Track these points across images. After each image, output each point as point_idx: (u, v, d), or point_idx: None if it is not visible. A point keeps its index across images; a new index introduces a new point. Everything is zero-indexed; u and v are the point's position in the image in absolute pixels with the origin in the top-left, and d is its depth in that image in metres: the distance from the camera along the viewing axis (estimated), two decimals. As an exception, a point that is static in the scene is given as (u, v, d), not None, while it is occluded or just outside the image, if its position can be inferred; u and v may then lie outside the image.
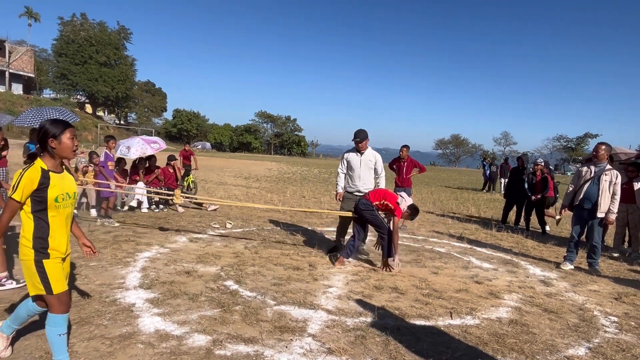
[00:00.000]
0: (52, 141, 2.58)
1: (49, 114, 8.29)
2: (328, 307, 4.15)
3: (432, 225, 9.66)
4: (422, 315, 4.11)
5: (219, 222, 8.31)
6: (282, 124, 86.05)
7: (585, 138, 76.11)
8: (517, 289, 5.14)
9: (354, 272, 5.41)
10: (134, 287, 4.32)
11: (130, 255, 5.50)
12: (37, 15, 58.08)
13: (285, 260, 5.78)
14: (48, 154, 2.62)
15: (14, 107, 41.12)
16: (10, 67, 49.95)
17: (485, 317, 4.14)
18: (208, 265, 5.29)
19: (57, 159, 2.65)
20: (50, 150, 2.60)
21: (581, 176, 6.37)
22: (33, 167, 2.53)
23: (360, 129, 6.23)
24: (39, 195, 2.53)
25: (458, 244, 7.69)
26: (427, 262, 6.22)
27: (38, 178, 2.51)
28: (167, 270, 4.99)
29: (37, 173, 2.51)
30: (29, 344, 3.05)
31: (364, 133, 6.20)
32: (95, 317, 3.56)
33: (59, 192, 2.59)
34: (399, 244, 5.98)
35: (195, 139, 74.92)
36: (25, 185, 2.48)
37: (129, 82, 60.71)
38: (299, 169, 31.23)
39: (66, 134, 2.61)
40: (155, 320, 3.57)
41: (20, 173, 2.50)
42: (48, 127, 2.59)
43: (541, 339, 3.72)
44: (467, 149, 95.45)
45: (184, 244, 6.38)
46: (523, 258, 6.87)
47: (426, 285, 5.05)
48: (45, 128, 2.58)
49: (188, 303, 3.99)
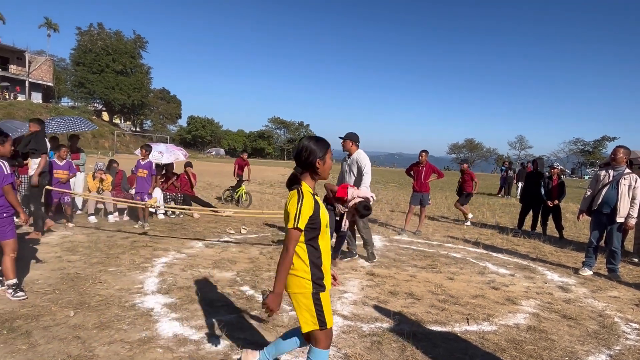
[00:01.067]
0: (319, 162, 2.38)
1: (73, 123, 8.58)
2: (343, 312, 4.15)
3: (447, 231, 9.59)
4: (439, 321, 4.09)
5: (234, 227, 8.38)
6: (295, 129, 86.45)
7: (603, 141, 74.81)
8: (535, 295, 5.08)
9: (369, 278, 5.41)
10: (152, 292, 4.39)
11: (147, 261, 5.58)
12: (56, 25, 59.64)
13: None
14: (309, 175, 2.43)
15: (34, 115, 42.02)
16: (30, 77, 51.22)
17: (502, 324, 4.10)
18: (224, 271, 5.34)
19: (316, 180, 2.46)
20: (315, 170, 2.41)
21: (599, 180, 6.28)
22: (306, 193, 2.33)
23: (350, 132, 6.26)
24: (313, 222, 2.34)
25: (474, 249, 7.63)
26: (443, 267, 6.18)
27: (313, 203, 2.34)
28: (184, 275, 5.05)
29: (311, 198, 2.33)
30: (52, 347, 3.12)
31: (349, 134, 6.19)
32: (115, 321, 3.63)
33: (326, 216, 2.44)
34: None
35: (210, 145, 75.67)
36: (307, 213, 2.29)
37: (145, 89, 61.76)
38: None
39: (329, 154, 2.45)
40: (174, 325, 3.63)
41: (297, 200, 2.29)
42: (314, 147, 2.38)
43: (560, 346, 3.67)
44: (481, 153, 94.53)
45: (200, 249, 6.45)
46: (540, 264, 6.78)
47: (442, 291, 5.02)
48: (311, 148, 2.38)
49: (205, 308, 4.04)
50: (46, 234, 6.72)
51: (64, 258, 5.48)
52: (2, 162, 4.06)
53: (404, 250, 7.21)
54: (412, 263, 6.34)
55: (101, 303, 4.02)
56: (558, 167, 9.46)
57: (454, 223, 10.88)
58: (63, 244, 6.24)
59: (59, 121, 8.62)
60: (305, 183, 2.40)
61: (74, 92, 56.86)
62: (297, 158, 2.44)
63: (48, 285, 4.42)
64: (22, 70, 50.81)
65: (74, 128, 8.63)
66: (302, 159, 2.40)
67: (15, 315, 3.63)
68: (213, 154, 62.33)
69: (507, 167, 21.27)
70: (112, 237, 6.85)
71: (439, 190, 21.86)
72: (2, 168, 4.03)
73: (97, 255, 5.69)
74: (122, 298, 4.18)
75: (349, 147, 6.20)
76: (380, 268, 5.92)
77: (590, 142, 76.74)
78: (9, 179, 4.05)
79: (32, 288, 4.31)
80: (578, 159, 77.00)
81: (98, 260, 5.45)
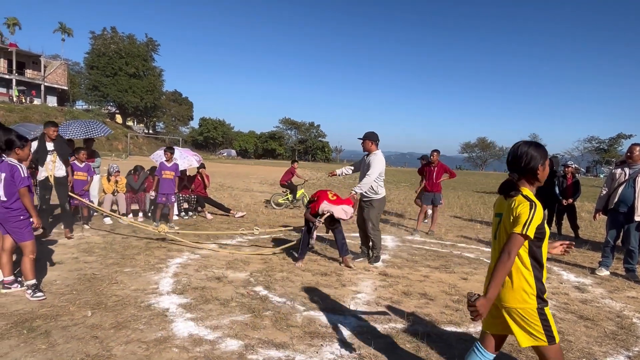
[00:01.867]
0: (540, 167, 2.29)
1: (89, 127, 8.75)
2: (357, 313, 4.15)
3: (459, 230, 9.52)
4: (453, 321, 4.06)
5: (246, 228, 8.42)
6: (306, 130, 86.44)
7: (619, 139, 73.43)
8: (551, 296, 5.02)
9: (382, 278, 5.40)
10: (167, 293, 4.44)
11: (162, 262, 5.64)
12: (70, 30, 60.52)
13: (312, 266, 5.81)
14: (528, 181, 2.32)
15: (49, 118, 42.47)
16: (45, 81, 52.07)
17: (518, 324, 4.06)
18: (237, 271, 5.37)
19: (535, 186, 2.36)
20: (535, 176, 2.30)
21: (615, 179, 6.18)
22: (537, 201, 2.22)
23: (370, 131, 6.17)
24: (540, 232, 2.22)
25: (487, 250, 7.56)
26: (456, 267, 6.14)
27: (542, 212, 2.21)
28: (198, 276, 5.10)
29: (541, 208, 2.21)
30: (70, 347, 3.17)
31: (368, 134, 6.08)
32: (132, 321, 3.67)
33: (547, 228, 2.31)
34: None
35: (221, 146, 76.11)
36: (536, 222, 2.17)
37: (157, 92, 62.32)
38: (324, 174, 31.27)
39: (548, 161, 2.34)
40: (189, 325, 3.66)
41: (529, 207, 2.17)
42: (534, 152, 2.28)
43: (577, 347, 3.62)
44: (494, 152, 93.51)
45: (213, 250, 6.49)
46: (556, 263, 6.70)
47: (456, 291, 4.99)
48: (532, 154, 2.28)
49: (219, 308, 4.07)
50: (62, 236, 6.83)
51: (80, 259, 5.57)
52: (20, 166, 4.13)
53: (416, 251, 7.18)
54: (425, 263, 6.31)
55: (118, 303, 4.07)
56: (572, 166, 9.33)
57: (468, 222, 10.79)
58: (79, 245, 6.34)
59: (76, 125, 8.80)
60: (526, 189, 2.29)
61: (88, 95, 57.62)
62: (515, 164, 2.33)
63: (66, 286, 4.49)
64: (37, 74, 51.68)
65: (91, 133, 8.79)
66: (522, 165, 2.30)
67: (34, 315, 3.70)
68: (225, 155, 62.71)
69: None
70: (127, 239, 6.94)
71: (451, 190, 21.72)
72: (20, 171, 4.10)
73: (112, 256, 5.77)
74: (137, 298, 4.23)
75: (368, 146, 6.05)
76: (393, 268, 5.90)
77: (605, 140, 75.38)
78: (25, 181, 4.13)
79: (51, 288, 4.38)
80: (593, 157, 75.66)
81: (114, 261, 5.52)
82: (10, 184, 4.06)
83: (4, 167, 4.08)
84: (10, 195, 4.07)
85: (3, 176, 4.06)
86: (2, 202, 4.06)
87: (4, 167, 4.08)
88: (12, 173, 4.07)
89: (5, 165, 4.09)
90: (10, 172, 4.06)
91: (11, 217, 4.09)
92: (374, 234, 6.06)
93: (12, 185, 4.07)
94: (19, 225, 4.13)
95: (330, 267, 5.81)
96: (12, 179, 4.06)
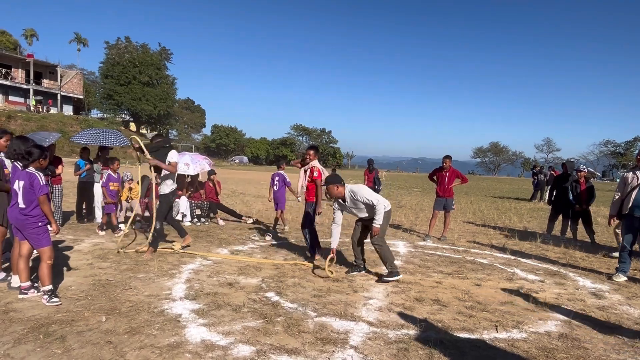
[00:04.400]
0: None
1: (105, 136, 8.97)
2: (369, 319, 4.13)
3: (472, 236, 9.43)
4: (466, 328, 4.02)
5: (258, 234, 8.45)
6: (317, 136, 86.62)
7: (635, 142, 72.10)
8: (567, 302, 4.94)
9: (394, 284, 5.36)
10: (180, 298, 4.47)
11: (175, 267, 5.69)
12: (86, 40, 61.83)
13: (324, 271, 5.81)
14: None
15: (65, 127, 43.63)
16: (62, 90, 53.11)
17: (532, 331, 4.00)
18: (249, 277, 5.39)
19: None
20: None
21: (627, 183, 6.08)
22: None
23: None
24: None
25: (501, 255, 7.47)
26: (469, 273, 6.08)
27: None
28: (210, 281, 5.13)
29: None
30: (85, 352, 3.21)
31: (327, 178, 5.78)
32: (145, 326, 3.71)
33: None
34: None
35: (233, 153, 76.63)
36: None
37: (170, 100, 63.14)
38: (335, 180, 31.24)
39: None
40: (201, 330, 3.68)
41: None
42: None
43: (594, 354, 3.55)
44: (507, 156, 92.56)
45: (225, 256, 6.53)
46: (571, 269, 6.59)
47: (469, 298, 4.94)
48: None
49: (232, 314, 4.09)
50: (77, 242, 6.94)
51: (95, 265, 5.64)
52: (38, 174, 4.23)
53: (429, 256, 7.12)
54: (438, 269, 6.26)
55: (131, 309, 4.11)
56: (585, 170, 9.18)
57: (480, 228, 10.68)
58: (94, 251, 6.42)
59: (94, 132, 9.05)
60: None
61: (102, 103, 58.64)
62: None
63: (81, 292, 4.56)
64: (54, 84, 52.75)
65: (106, 141, 8.98)
66: None
67: (50, 320, 3.76)
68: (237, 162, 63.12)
69: (538, 171, 20.52)
70: (140, 245, 7.01)
71: (464, 195, 21.53)
72: (39, 179, 4.20)
73: (126, 262, 5.83)
74: (151, 304, 4.27)
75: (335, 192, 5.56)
76: (406, 274, 5.86)
77: (621, 144, 74.12)
78: (44, 189, 4.22)
79: (66, 294, 4.45)
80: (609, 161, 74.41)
81: (127, 267, 5.59)
82: (29, 191, 4.16)
83: (22, 175, 4.18)
84: (28, 202, 4.16)
85: (22, 184, 4.15)
86: (21, 210, 4.15)
87: (23, 176, 4.18)
88: (32, 181, 4.17)
89: (24, 173, 4.19)
90: (29, 180, 4.16)
91: (30, 223, 4.18)
92: (381, 249, 5.49)
93: (31, 193, 4.16)
94: (37, 231, 4.22)
95: (342, 272, 5.79)
96: (31, 187, 4.16)
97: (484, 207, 16.09)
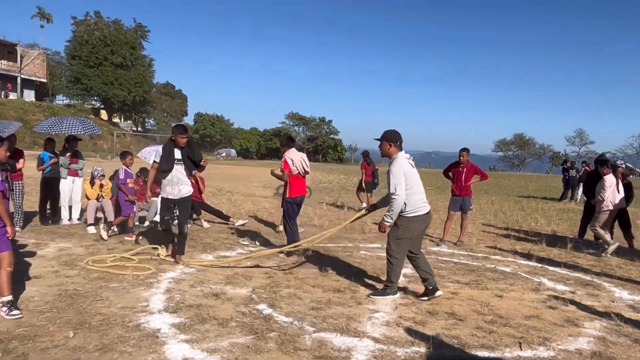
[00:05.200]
0: None
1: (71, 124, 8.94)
2: (375, 334, 4.15)
3: (493, 241, 9.46)
4: (486, 345, 4.04)
5: (248, 238, 8.47)
6: (316, 126, 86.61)
7: (681, 134, 72.23)
8: (601, 316, 4.97)
9: (403, 295, 5.39)
10: (158, 311, 4.49)
11: (153, 276, 5.70)
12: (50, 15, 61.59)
13: (324, 281, 5.83)
14: None
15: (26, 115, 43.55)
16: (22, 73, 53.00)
17: (561, 349, 4.03)
18: (238, 287, 5.41)
19: None
20: None
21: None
22: None
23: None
24: None
25: (526, 262, 7.50)
26: (490, 283, 6.10)
27: None
28: (193, 292, 5.15)
29: None
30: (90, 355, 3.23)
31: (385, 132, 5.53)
32: (119, 343, 3.72)
33: None
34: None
35: (219, 145, 76.63)
36: None
37: (147, 84, 63.00)
38: (336, 177, 31.32)
39: None
40: (183, 347, 3.70)
41: None
42: None
43: (632, 375, 3.57)
44: (533, 150, 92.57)
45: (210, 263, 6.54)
46: (606, 279, 6.62)
47: (489, 311, 4.97)
48: None
49: (217, 329, 4.11)
50: (41, 247, 6.94)
51: (61, 273, 5.65)
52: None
53: (443, 264, 7.15)
54: (454, 278, 6.29)
55: (103, 323, 4.13)
56: (622, 166, 9.20)
57: (503, 231, 10.72)
58: (60, 257, 6.43)
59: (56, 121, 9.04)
60: None
61: (69, 88, 58.44)
62: None
63: (45, 303, 4.56)
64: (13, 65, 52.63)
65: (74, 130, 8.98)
66: None
67: (10, 335, 3.77)
68: (223, 156, 63.10)
69: (569, 166, 20.45)
70: (113, 250, 7.02)
71: (484, 194, 21.58)
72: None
73: (97, 270, 5.84)
74: (125, 317, 4.28)
75: (386, 150, 5.46)
76: (417, 284, 5.88)
77: (663, 136, 74.27)
78: (0, 186, 4.21)
79: (28, 306, 4.46)
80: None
81: (98, 276, 5.60)
82: (-19, 189, 4.14)
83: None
84: (-19, 202, 4.14)
85: (-25, 181, 4.14)
86: (-27, 210, 4.14)
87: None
88: None
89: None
90: (-17, 176, 4.15)
91: (-17, 226, 4.17)
92: (389, 261, 5.21)
93: None
94: (-7, 235, 4.20)
95: (344, 282, 5.81)
96: (-16, 185, 4.14)
97: (507, 208, 16.14)
